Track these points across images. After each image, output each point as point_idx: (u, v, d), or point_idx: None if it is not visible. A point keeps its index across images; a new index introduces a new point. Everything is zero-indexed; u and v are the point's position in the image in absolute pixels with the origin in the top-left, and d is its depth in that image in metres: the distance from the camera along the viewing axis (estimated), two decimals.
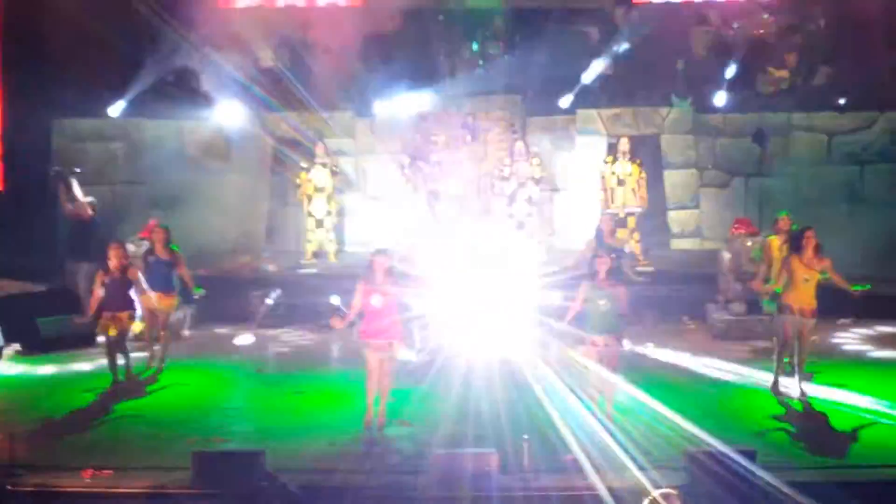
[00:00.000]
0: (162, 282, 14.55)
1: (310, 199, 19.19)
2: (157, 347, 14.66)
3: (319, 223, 19.29)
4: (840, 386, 13.29)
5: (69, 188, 17.68)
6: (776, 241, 14.42)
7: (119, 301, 13.80)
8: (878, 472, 10.47)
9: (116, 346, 13.74)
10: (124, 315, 13.83)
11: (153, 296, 14.38)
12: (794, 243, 12.97)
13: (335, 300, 15.60)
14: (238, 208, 20.83)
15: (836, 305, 14.48)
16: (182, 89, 21.08)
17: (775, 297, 13.27)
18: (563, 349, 12.34)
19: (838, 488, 9.97)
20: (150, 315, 14.68)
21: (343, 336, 13.80)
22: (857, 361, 14.82)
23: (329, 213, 19.30)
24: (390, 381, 12.01)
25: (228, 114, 20.79)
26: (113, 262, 13.71)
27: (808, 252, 12.74)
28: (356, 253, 19.63)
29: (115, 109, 20.76)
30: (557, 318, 12.63)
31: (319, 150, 19.41)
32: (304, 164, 19.25)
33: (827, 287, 13.17)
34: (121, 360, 13.82)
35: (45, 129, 20.48)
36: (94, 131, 20.93)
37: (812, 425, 11.99)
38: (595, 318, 11.74)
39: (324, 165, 19.25)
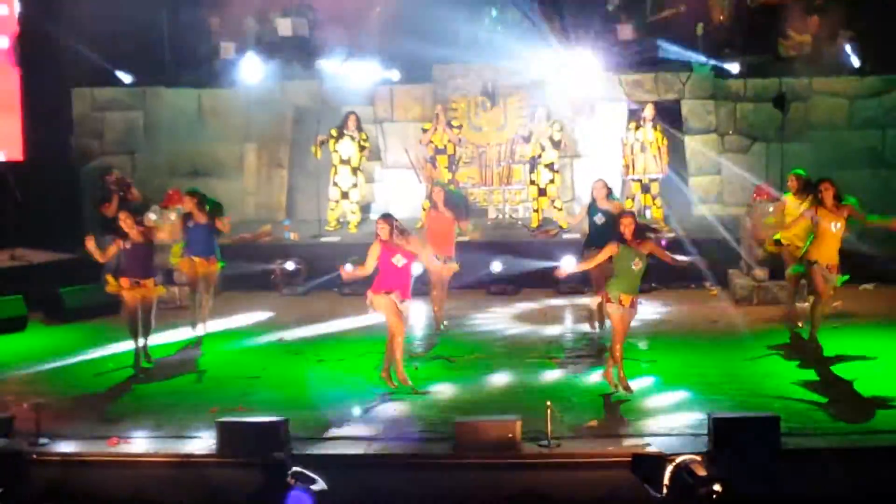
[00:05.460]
0: (202, 246, 14.54)
1: (336, 169, 19.01)
2: (202, 312, 14.73)
3: (345, 195, 19.03)
4: (864, 350, 13.28)
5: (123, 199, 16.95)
6: (792, 200, 14.37)
7: (141, 268, 13.26)
8: None
9: (137, 315, 13.30)
10: (149, 282, 13.32)
11: (195, 261, 14.42)
12: (814, 197, 13.31)
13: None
14: (258, 177, 20.82)
15: (857, 271, 14.51)
16: (202, 57, 21.05)
17: (802, 260, 13.37)
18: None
19: (863, 454, 9.98)
20: (193, 281, 14.70)
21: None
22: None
23: (355, 185, 19.07)
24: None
25: (248, 82, 20.72)
26: (132, 232, 13.14)
27: (829, 202, 13.06)
28: (373, 221, 19.60)
29: (135, 78, 20.74)
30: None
31: (351, 121, 19.01)
32: (332, 133, 18.97)
33: (847, 253, 13.44)
34: (140, 341, 13.41)
35: (66, 98, 20.49)
36: (114, 100, 20.93)
37: (836, 390, 11.94)
38: (628, 279, 11.67)
39: (352, 138, 18.97)
